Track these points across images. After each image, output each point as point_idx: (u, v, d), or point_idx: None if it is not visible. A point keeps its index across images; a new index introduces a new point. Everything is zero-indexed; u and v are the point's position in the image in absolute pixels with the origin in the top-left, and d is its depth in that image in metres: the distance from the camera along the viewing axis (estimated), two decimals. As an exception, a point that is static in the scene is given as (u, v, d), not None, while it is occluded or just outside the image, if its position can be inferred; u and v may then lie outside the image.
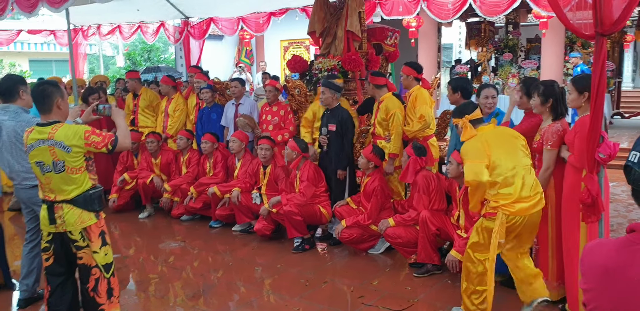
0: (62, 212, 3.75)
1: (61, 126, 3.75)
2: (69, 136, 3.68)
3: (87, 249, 3.82)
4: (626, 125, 15.53)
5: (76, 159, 3.71)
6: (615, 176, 9.80)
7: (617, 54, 16.94)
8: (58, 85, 3.95)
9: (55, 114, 3.85)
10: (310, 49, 17.46)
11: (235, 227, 7.04)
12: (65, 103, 3.91)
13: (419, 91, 6.15)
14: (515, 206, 4.05)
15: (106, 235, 3.94)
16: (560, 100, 4.56)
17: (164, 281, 5.55)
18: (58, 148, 3.67)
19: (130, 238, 7.08)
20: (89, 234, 3.80)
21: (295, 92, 7.19)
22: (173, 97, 8.36)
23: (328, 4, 8.13)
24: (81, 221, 3.77)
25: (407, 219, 5.51)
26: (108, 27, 14.00)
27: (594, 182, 4.09)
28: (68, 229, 3.76)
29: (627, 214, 7.60)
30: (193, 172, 7.63)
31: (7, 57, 21.92)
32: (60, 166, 3.69)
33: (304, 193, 6.10)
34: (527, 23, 17.57)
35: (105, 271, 3.90)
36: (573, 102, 4.43)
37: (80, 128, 3.75)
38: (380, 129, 6.31)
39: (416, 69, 6.29)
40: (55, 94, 3.83)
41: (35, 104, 3.89)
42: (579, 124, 4.28)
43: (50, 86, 3.86)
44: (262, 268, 5.83)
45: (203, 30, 12.77)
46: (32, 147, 3.75)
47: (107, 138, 3.77)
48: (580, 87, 4.30)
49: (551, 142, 4.48)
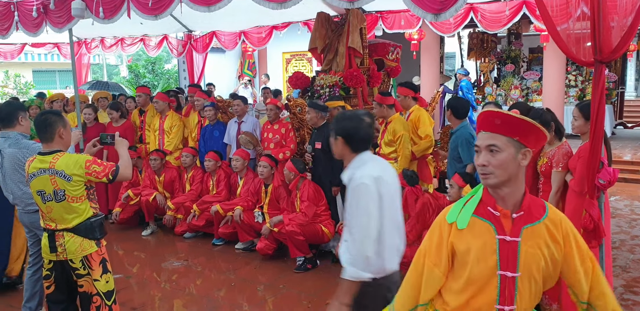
0: (63, 240, 3.77)
1: (62, 155, 3.80)
2: (69, 165, 3.72)
3: (88, 277, 3.84)
4: (629, 136, 15.48)
5: (77, 188, 3.75)
6: (617, 189, 9.83)
7: (620, 63, 16.93)
8: (60, 114, 4.01)
9: (57, 143, 3.88)
10: (312, 61, 17.51)
11: (238, 245, 7.05)
12: (67, 132, 3.95)
13: (419, 112, 6.22)
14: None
15: (107, 263, 3.97)
16: (557, 123, 4.68)
17: (168, 301, 5.57)
18: (59, 177, 3.71)
19: (133, 256, 7.10)
20: (89, 262, 3.83)
21: (297, 110, 7.22)
22: (167, 115, 8.31)
23: (329, 21, 8.18)
24: (82, 249, 3.80)
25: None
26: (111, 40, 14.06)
27: (594, 207, 4.11)
28: (69, 258, 3.78)
29: (629, 230, 7.57)
30: (196, 190, 7.66)
31: (11, 68, 22.01)
32: (61, 195, 3.73)
33: (305, 213, 6.12)
34: (529, 33, 17.59)
35: (107, 299, 3.91)
36: (579, 128, 4.51)
37: (82, 158, 3.80)
38: (387, 149, 6.35)
39: (413, 89, 6.36)
40: (57, 123, 3.87)
41: (37, 133, 3.92)
42: (582, 149, 4.35)
43: (53, 116, 3.91)
44: (264, 287, 5.85)
45: (206, 43, 12.82)
46: (33, 176, 3.78)
47: (108, 168, 3.83)
48: (588, 114, 4.31)
49: (562, 165, 4.55)
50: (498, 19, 10.07)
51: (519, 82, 15.01)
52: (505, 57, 16.85)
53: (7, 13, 7.72)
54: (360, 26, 7.82)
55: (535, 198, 2.42)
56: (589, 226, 4.10)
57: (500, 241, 2.28)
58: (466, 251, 2.32)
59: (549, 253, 2.28)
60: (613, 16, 3.75)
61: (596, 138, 3.91)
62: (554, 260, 2.30)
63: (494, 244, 2.28)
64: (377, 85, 8.10)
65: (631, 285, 5.62)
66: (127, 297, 5.65)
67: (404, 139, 6.18)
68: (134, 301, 5.57)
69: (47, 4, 7.23)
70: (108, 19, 7.05)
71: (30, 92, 20.24)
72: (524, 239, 2.27)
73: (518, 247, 2.26)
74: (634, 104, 21.81)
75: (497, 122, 2.26)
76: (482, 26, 10.51)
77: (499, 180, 2.28)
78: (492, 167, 2.27)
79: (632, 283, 5.66)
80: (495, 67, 17.28)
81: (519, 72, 16.33)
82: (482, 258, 2.29)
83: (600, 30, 3.69)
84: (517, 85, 14.88)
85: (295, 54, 18.57)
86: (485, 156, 2.29)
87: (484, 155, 2.29)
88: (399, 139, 6.21)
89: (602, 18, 3.68)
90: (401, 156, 6.20)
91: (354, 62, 7.72)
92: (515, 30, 16.97)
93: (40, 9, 7.32)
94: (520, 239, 2.27)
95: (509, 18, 9.76)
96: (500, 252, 2.27)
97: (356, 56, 7.74)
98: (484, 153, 2.29)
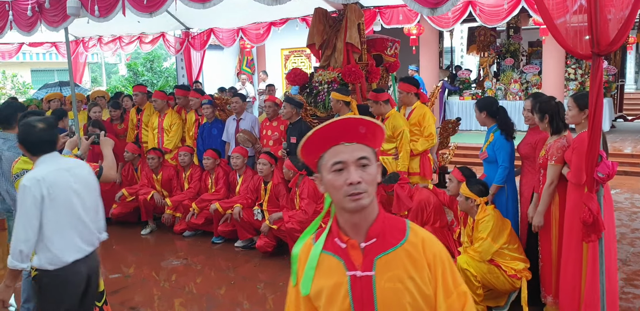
0: None
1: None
2: None
3: None
4: (629, 128, 15.44)
5: None
6: (618, 182, 9.79)
7: (620, 56, 16.87)
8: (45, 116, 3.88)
9: None
10: (311, 57, 17.47)
11: (238, 243, 7.04)
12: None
13: (423, 109, 6.15)
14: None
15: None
16: (556, 115, 4.58)
17: (168, 300, 5.56)
18: None
19: (132, 255, 7.08)
20: None
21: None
22: (167, 113, 8.28)
23: (327, 16, 8.15)
24: None
25: None
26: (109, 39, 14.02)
27: (593, 201, 4.08)
28: None
29: (630, 224, 7.55)
30: (195, 188, 7.64)
31: (9, 68, 21.94)
32: None
33: (305, 211, 6.10)
34: (528, 27, 17.54)
35: (97, 300, 3.82)
36: (573, 119, 4.45)
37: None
38: (387, 146, 6.33)
39: (414, 84, 6.30)
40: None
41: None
42: (576, 140, 4.32)
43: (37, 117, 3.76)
44: (264, 285, 5.84)
45: (204, 40, 12.77)
46: (17, 177, 3.70)
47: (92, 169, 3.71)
48: (582, 104, 4.31)
49: (555, 158, 4.50)
50: (497, 12, 10.03)
51: (518, 76, 14.96)
52: (505, 51, 16.80)
53: (2, 12, 7.67)
54: (358, 22, 7.79)
55: (395, 218, 2.03)
56: (588, 220, 4.07)
57: (351, 278, 1.89)
58: (317, 295, 1.95)
59: (414, 285, 1.87)
60: (610, 8, 3.72)
61: (594, 131, 3.87)
62: (423, 293, 1.89)
63: (346, 283, 1.89)
64: (375, 80, 8.07)
65: (631, 278, 5.61)
66: (127, 296, 5.64)
67: (404, 135, 6.15)
68: (133, 300, 5.55)
69: (42, 2, 7.17)
70: (103, 17, 7.00)
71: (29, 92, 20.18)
72: (378, 272, 1.88)
73: (373, 283, 1.87)
74: (633, 97, 21.79)
75: (362, 130, 1.88)
76: (481, 20, 10.49)
77: (371, 199, 1.88)
78: (365, 183, 1.86)
79: (632, 277, 5.64)
80: (495, 62, 17.24)
81: (519, 66, 16.29)
82: (334, 301, 1.91)
83: (597, 23, 3.65)
84: (516, 79, 14.83)
85: (293, 50, 18.53)
86: (357, 171, 1.86)
87: (354, 171, 1.85)
88: (400, 135, 6.17)
89: (599, 11, 3.65)
90: (403, 152, 6.15)
91: (352, 57, 7.69)
92: (514, 24, 16.92)
93: (35, 8, 7.27)
94: (373, 273, 1.88)
95: (508, 12, 9.70)
96: (352, 292, 1.88)
97: (354, 51, 7.70)
98: (353, 169, 1.86)
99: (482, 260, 4.53)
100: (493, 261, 4.56)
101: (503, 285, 4.58)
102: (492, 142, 5.17)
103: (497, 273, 4.54)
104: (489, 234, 4.50)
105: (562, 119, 4.59)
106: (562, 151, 4.47)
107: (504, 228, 4.58)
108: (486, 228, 4.53)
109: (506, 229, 4.59)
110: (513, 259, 4.58)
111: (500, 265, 4.55)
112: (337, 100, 6.60)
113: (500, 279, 4.55)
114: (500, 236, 4.54)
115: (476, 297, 4.52)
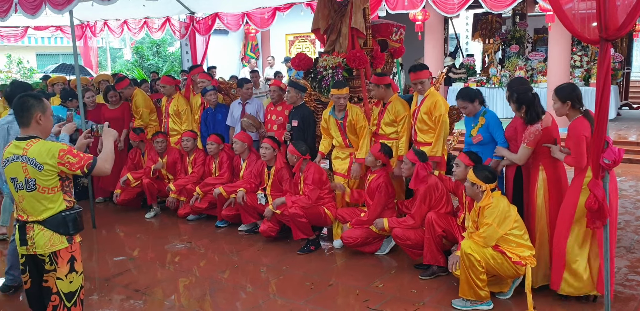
0: (33, 233, 3.52)
1: (37, 141, 3.54)
2: (42, 154, 3.46)
3: (53, 273, 3.55)
4: (635, 117, 15.40)
5: (49, 178, 3.49)
6: (622, 170, 9.78)
7: (626, 43, 16.76)
8: (41, 98, 3.67)
9: (34, 129, 3.60)
10: (315, 42, 17.41)
11: (241, 227, 7.06)
12: (47, 118, 3.66)
13: (437, 97, 5.99)
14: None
15: (76, 262, 3.65)
16: (532, 106, 4.75)
17: (171, 283, 5.59)
18: (30, 165, 3.46)
19: (136, 239, 7.10)
20: (57, 259, 3.55)
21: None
22: (173, 97, 8.25)
23: (332, 1, 8.07)
24: (51, 244, 3.52)
25: (402, 224, 5.52)
26: (114, 23, 13.99)
27: (599, 187, 4.09)
28: (38, 252, 3.53)
29: (634, 211, 7.54)
30: (198, 172, 7.64)
31: (14, 52, 21.87)
32: (32, 185, 3.48)
33: (309, 196, 6.10)
34: (534, 13, 17.41)
35: (67, 300, 3.60)
36: (558, 111, 4.68)
37: (56, 146, 3.52)
38: (388, 129, 6.31)
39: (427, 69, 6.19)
40: (35, 108, 3.58)
41: (15, 117, 3.70)
42: (570, 128, 4.54)
43: (32, 99, 3.61)
44: (267, 269, 5.85)
45: (209, 25, 12.75)
46: (7, 162, 3.54)
47: (84, 160, 3.54)
48: (562, 97, 4.56)
49: (527, 141, 4.73)
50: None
51: (523, 63, 14.87)
52: (510, 38, 16.69)
53: (7, -5, 7.65)
54: (363, 6, 7.72)
55: None
56: (594, 207, 4.09)
57: None
58: None
59: None
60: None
61: (601, 118, 3.87)
62: None
63: None
64: (380, 66, 8.01)
65: (635, 265, 5.60)
66: (131, 279, 5.67)
67: (407, 120, 6.16)
68: (137, 283, 5.58)
69: (47, -15, 7.14)
70: (108, 0, 6.99)
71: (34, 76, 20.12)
72: None
73: None
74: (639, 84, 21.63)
75: None
76: (487, 6, 10.42)
77: None
78: None
79: (636, 264, 5.64)
80: (500, 48, 17.14)
81: (524, 53, 16.19)
82: None
83: (606, 8, 3.63)
84: (521, 66, 14.73)
85: (298, 36, 18.45)
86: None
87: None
88: (403, 120, 6.17)
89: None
90: (405, 137, 6.17)
91: (357, 43, 7.64)
92: (520, 10, 16.81)
93: (40, -10, 7.24)
94: None
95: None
96: None
97: (359, 36, 7.64)
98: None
99: (486, 245, 4.54)
100: (498, 247, 4.56)
101: (507, 271, 4.59)
102: (484, 124, 5.35)
103: (501, 259, 4.54)
104: (494, 220, 4.51)
105: (537, 111, 4.75)
106: (535, 136, 4.68)
107: (509, 214, 4.59)
108: (491, 214, 4.53)
109: (512, 216, 4.59)
110: (519, 246, 4.58)
111: (505, 251, 4.55)
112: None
113: (504, 265, 4.55)
114: (505, 222, 4.55)
115: (479, 282, 4.54)
